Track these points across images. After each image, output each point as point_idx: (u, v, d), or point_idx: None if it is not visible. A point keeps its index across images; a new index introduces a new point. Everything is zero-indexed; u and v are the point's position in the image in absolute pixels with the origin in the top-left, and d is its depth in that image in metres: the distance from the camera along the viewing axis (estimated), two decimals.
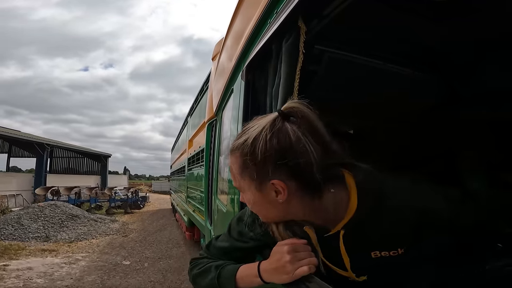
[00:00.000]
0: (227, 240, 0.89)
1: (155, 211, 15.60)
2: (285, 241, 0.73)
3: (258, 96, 1.32)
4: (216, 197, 2.50)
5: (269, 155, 0.64)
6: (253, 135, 0.66)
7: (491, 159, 1.40)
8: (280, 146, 0.63)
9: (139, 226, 10.87)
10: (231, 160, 0.74)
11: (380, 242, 0.72)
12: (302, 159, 0.63)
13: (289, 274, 0.68)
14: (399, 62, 1.46)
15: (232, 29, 1.92)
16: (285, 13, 0.86)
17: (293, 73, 0.86)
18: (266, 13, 1.13)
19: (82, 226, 9.30)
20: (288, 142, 0.63)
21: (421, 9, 1.11)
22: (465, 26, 1.17)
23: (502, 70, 1.34)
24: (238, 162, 0.70)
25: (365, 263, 0.75)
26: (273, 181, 0.65)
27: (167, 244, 8.07)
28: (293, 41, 0.87)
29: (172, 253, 7.05)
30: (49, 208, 9.47)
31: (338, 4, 0.87)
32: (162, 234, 9.45)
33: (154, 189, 37.39)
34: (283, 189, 0.66)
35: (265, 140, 0.64)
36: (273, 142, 0.63)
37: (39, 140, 18.31)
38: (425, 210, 0.69)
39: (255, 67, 1.31)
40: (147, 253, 7.16)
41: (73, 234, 8.51)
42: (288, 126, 0.64)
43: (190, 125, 7.14)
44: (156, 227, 10.83)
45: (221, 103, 2.34)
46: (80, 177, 23.87)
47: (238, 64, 1.62)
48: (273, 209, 0.71)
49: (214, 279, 0.80)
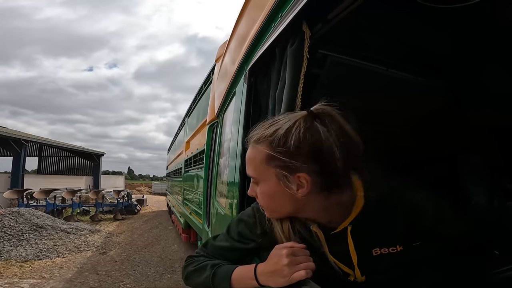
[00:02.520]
0: (226, 240, 0.89)
1: (151, 217, 13.32)
2: (284, 245, 0.74)
3: (260, 99, 1.32)
4: (215, 200, 2.48)
5: (302, 147, 0.66)
6: (285, 127, 0.68)
7: (493, 164, 1.40)
8: (312, 142, 0.65)
9: (126, 238, 8.67)
10: (254, 150, 0.74)
11: (380, 239, 0.75)
12: (329, 158, 0.65)
13: (286, 278, 0.68)
14: (403, 67, 1.46)
15: (236, 31, 1.92)
16: (289, 17, 0.86)
17: (297, 77, 0.86)
18: (271, 16, 1.13)
19: (48, 239, 7.26)
20: (319, 140, 0.65)
21: (426, 14, 1.12)
22: (469, 30, 1.18)
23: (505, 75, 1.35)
24: (265, 152, 0.70)
25: (367, 261, 0.77)
26: (300, 174, 0.67)
27: (156, 267, 5.89)
28: (297, 46, 0.87)
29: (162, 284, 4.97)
30: (10, 217, 7.56)
31: (343, 9, 0.87)
32: (153, 250, 7.25)
33: (155, 191, 33.61)
34: (307, 182, 0.67)
35: (298, 133, 0.66)
36: (307, 137, 0.65)
37: (15, 135, 15.40)
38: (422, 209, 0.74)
39: (257, 70, 1.31)
40: (127, 283, 5.03)
41: (33, 250, 6.52)
42: (318, 126, 0.66)
43: (188, 126, 7.01)
44: (147, 239, 8.62)
45: (223, 105, 2.34)
46: (69, 178, 21.15)
47: (241, 67, 1.62)
48: (288, 203, 0.73)
49: (209, 277, 0.80)
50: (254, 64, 1.25)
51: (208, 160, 3.30)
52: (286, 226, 0.77)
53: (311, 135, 0.66)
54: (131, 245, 7.88)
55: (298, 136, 0.66)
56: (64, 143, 23.23)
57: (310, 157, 0.66)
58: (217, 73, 3.20)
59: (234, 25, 1.96)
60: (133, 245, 7.88)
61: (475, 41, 1.26)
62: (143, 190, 32.12)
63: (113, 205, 13.03)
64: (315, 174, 0.67)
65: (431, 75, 1.52)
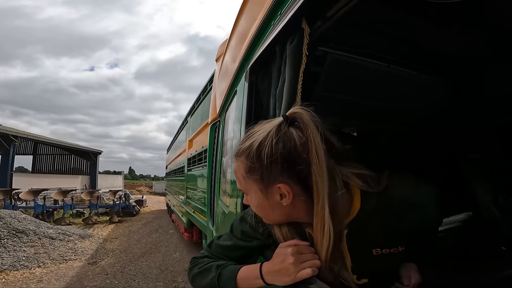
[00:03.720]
0: (229, 239, 0.89)
1: (150, 219, 12.18)
2: (289, 243, 0.74)
3: (261, 97, 1.32)
4: (219, 198, 2.50)
5: (275, 159, 0.65)
6: (259, 140, 0.67)
7: (497, 163, 1.39)
8: (285, 151, 0.65)
9: (122, 245, 7.53)
10: (236, 164, 0.75)
11: (381, 240, 0.73)
12: (307, 164, 0.64)
13: (291, 276, 0.68)
14: (404, 64, 1.45)
15: (236, 29, 1.92)
16: (288, 14, 0.86)
17: (297, 75, 0.86)
18: (270, 14, 1.13)
19: (29, 246, 6.32)
20: (293, 147, 0.65)
21: (426, 11, 1.11)
22: (472, 28, 1.17)
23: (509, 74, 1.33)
24: (244, 166, 0.71)
25: (366, 262, 0.75)
26: (278, 185, 0.67)
27: (156, 281, 4.89)
28: (296, 43, 0.87)
29: None
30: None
31: (342, 6, 0.87)
32: (151, 259, 6.26)
33: (155, 191, 31.55)
34: (288, 192, 0.67)
35: (271, 145, 0.65)
36: (279, 147, 0.65)
37: (3, 130, 14.23)
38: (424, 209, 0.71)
39: (258, 68, 1.31)
40: None
41: (9, 258, 5.62)
42: (293, 131, 0.66)
43: (191, 125, 6.88)
44: (145, 245, 7.50)
45: (225, 104, 2.35)
46: (64, 177, 19.95)
47: (241, 65, 1.62)
48: (277, 212, 0.72)
49: (214, 278, 0.80)
50: (255, 62, 1.26)
51: (211, 159, 3.32)
52: (284, 230, 0.77)
53: (283, 145, 0.65)
54: (127, 252, 6.79)
55: (270, 149, 0.65)
56: (59, 140, 22.18)
57: (285, 167, 0.66)
58: (217, 72, 3.20)
59: (234, 23, 1.96)
60: (128, 253, 6.80)
61: (478, 39, 1.24)
62: (143, 190, 30.93)
63: (109, 206, 12.02)
64: (293, 182, 0.67)
65: (433, 73, 1.51)
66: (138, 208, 13.76)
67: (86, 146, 23.38)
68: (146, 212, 14.46)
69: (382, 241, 0.73)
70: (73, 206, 11.02)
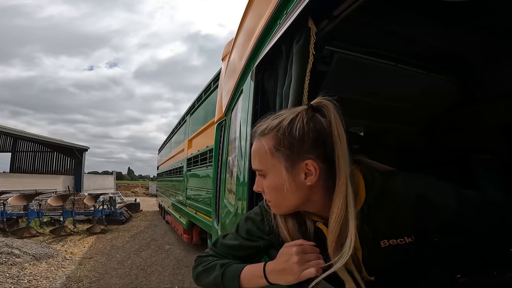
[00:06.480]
0: (235, 238, 0.90)
1: (142, 228, 9.99)
2: (294, 242, 0.74)
3: (267, 96, 1.32)
4: (224, 198, 2.50)
5: (307, 132, 0.68)
6: (289, 118, 0.71)
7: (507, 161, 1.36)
8: (316, 130, 0.68)
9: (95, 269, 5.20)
10: (259, 142, 0.75)
11: (388, 231, 0.73)
12: (332, 146, 0.68)
13: (295, 275, 0.69)
14: (411, 63, 1.44)
15: (243, 27, 1.92)
16: (295, 13, 0.86)
17: (303, 74, 0.86)
18: (276, 13, 1.13)
19: None
20: (322, 128, 0.69)
21: (432, 9, 1.10)
22: (480, 27, 1.15)
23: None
24: (271, 142, 0.72)
25: (375, 255, 0.74)
26: (307, 161, 0.69)
27: None
28: (303, 43, 0.87)
29: None
30: None
31: (348, 5, 0.86)
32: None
33: (151, 192, 26.71)
34: (315, 169, 0.69)
35: (302, 122, 0.69)
36: (310, 125, 0.69)
37: None
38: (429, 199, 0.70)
39: (264, 67, 1.31)
40: None
41: None
42: (320, 117, 0.70)
43: (190, 124, 6.68)
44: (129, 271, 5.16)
45: (231, 103, 2.35)
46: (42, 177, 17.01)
47: (248, 64, 1.62)
48: (296, 195, 0.73)
49: (218, 277, 0.81)
50: (261, 62, 1.26)
51: (217, 158, 3.33)
52: (290, 223, 0.78)
53: (314, 124, 0.69)
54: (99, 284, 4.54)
55: (302, 125, 0.69)
56: (40, 135, 18.97)
57: (315, 144, 0.69)
58: (224, 71, 3.21)
59: (241, 20, 1.95)
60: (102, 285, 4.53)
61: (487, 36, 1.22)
62: (139, 192, 28.12)
63: (89, 213, 9.91)
64: (321, 160, 0.69)
65: (442, 72, 1.49)
66: (128, 214, 12.18)
67: (70, 142, 20.21)
68: (138, 218, 12.51)
69: (388, 233, 0.73)
70: (41, 213, 8.70)
